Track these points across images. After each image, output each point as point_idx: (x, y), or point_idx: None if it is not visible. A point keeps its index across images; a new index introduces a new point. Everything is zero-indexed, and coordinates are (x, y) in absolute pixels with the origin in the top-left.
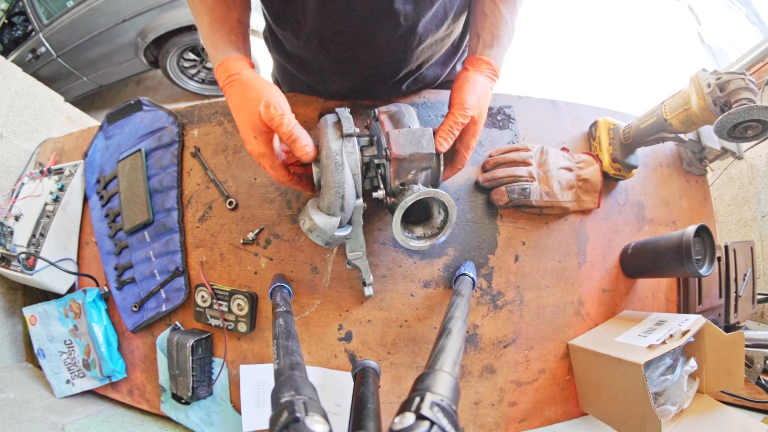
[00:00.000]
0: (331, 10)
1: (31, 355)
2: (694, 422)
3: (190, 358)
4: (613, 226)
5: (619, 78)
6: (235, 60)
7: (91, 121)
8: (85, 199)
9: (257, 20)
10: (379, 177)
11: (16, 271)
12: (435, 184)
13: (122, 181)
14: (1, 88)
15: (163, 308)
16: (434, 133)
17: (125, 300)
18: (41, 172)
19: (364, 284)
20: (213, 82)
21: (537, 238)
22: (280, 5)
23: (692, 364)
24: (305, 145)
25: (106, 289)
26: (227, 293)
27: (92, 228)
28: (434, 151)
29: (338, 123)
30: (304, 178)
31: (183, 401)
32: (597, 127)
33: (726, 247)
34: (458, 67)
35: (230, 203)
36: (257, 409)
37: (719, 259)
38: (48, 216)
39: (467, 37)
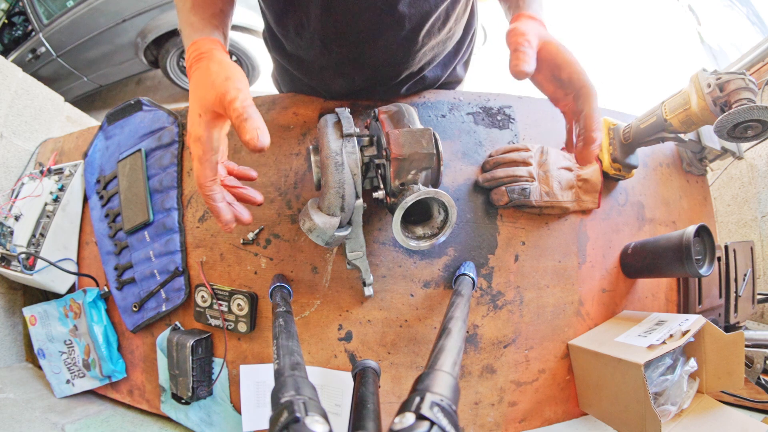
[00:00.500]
0: (334, 12)
1: (31, 355)
2: (694, 422)
3: (190, 358)
4: (613, 226)
5: (619, 78)
6: (210, 41)
7: (91, 121)
8: (85, 199)
9: (260, 21)
10: (379, 177)
11: (16, 271)
12: (435, 184)
13: (122, 181)
14: (1, 88)
15: (163, 308)
16: (435, 140)
17: (125, 300)
18: (41, 172)
19: (364, 284)
20: None
21: (537, 238)
22: (282, 5)
23: (692, 364)
24: (256, 127)
25: (106, 289)
26: (227, 293)
27: (92, 228)
28: (434, 151)
29: (338, 123)
30: (225, 203)
31: (183, 401)
32: None
33: (726, 247)
34: (458, 69)
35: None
36: (257, 409)
37: (719, 259)
38: (48, 216)
39: (467, 39)
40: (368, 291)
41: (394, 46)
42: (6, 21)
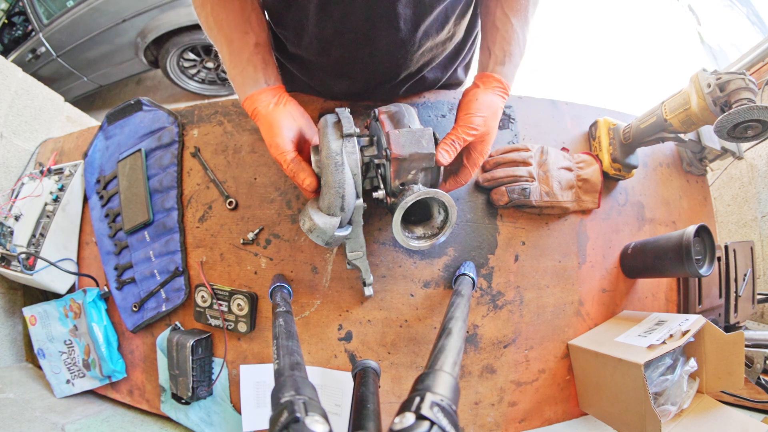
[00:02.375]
0: (331, 13)
1: (31, 355)
2: (694, 422)
3: (190, 358)
4: (613, 226)
5: (619, 78)
6: (251, 99)
7: (91, 121)
8: (85, 199)
9: None
10: (379, 177)
11: (16, 271)
12: (435, 184)
13: (122, 181)
14: (1, 88)
15: (163, 308)
16: (435, 140)
17: (125, 300)
18: (41, 172)
19: (365, 284)
20: (213, 82)
21: (537, 238)
22: (281, 6)
23: (692, 364)
24: (303, 179)
25: (106, 289)
26: (227, 293)
27: (92, 228)
28: (434, 151)
29: (338, 123)
30: None
31: (183, 401)
32: (597, 127)
33: (726, 247)
34: (459, 71)
35: (230, 203)
36: (257, 409)
37: (719, 259)
38: (48, 216)
39: (469, 42)
40: (368, 291)
41: (391, 47)
42: (6, 21)
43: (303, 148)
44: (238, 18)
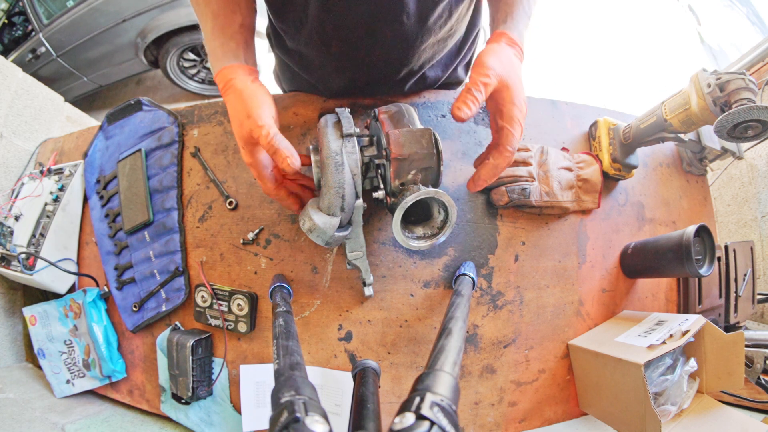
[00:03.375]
0: (331, 7)
1: (31, 355)
2: (694, 422)
3: (190, 358)
4: (613, 226)
5: (619, 78)
6: (230, 69)
7: (91, 121)
8: (85, 199)
9: (260, 22)
10: (379, 177)
11: (16, 271)
12: (435, 184)
13: (122, 181)
14: (1, 88)
15: (163, 308)
16: (435, 140)
17: (125, 300)
18: (41, 172)
19: (364, 284)
20: (213, 82)
21: (537, 238)
22: (282, 1)
23: (692, 364)
24: (286, 156)
25: (106, 289)
26: (227, 293)
27: (92, 228)
28: (434, 151)
29: (338, 123)
30: (293, 195)
31: (183, 401)
32: (597, 127)
33: (726, 247)
34: (459, 70)
35: (230, 203)
36: (257, 409)
37: (719, 259)
38: (48, 216)
39: (470, 40)
40: (368, 291)
41: (393, 42)
42: (6, 21)
43: None
44: None
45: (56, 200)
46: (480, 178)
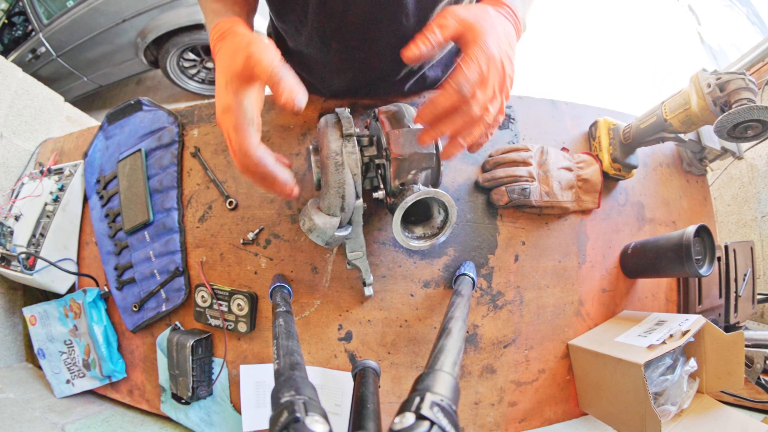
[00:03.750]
0: (330, 8)
1: (31, 355)
2: (694, 422)
3: (190, 358)
4: (613, 226)
5: (619, 78)
6: (231, 20)
7: (91, 121)
8: (85, 199)
9: (259, 22)
10: (379, 177)
11: (16, 271)
12: (435, 184)
13: (122, 181)
14: (1, 88)
15: (163, 308)
16: (435, 140)
17: (125, 300)
18: (41, 172)
19: (364, 284)
20: (213, 82)
21: (537, 238)
22: (281, 1)
23: (692, 364)
24: (290, 88)
25: (106, 289)
26: (227, 293)
27: (92, 228)
28: (434, 152)
29: (338, 123)
30: (280, 165)
31: (183, 401)
32: (597, 127)
33: (726, 247)
34: None
35: (230, 203)
36: (257, 409)
37: (719, 259)
38: (48, 216)
39: None
40: (368, 291)
41: (393, 42)
42: (6, 21)
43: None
44: None
45: (56, 200)
46: (417, 116)
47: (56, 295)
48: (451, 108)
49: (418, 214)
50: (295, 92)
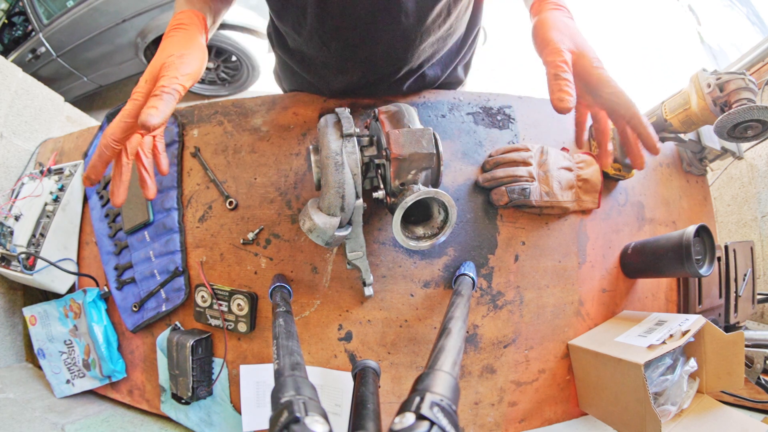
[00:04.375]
0: (330, 7)
1: (31, 355)
2: (694, 422)
3: (190, 358)
4: (613, 226)
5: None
6: (193, 16)
7: (91, 121)
8: (85, 199)
9: (260, 22)
10: (379, 177)
11: (16, 271)
12: (435, 184)
13: None
14: (1, 88)
15: (163, 308)
16: (435, 140)
17: (125, 300)
18: (41, 172)
19: (365, 284)
20: (213, 82)
21: (537, 238)
22: (282, 2)
23: (692, 364)
24: (152, 106)
25: (106, 289)
26: (227, 293)
27: (92, 228)
28: (434, 151)
29: (338, 123)
30: (127, 166)
31: (183, 401)
32: None
33: (726, 247)
34: (459, 70)
35: (230, 203)
36: (257, 409)
37: (719, 259)
38: (48, 216)
39: (469, 40)
40: (368, 291)
41: (393, 42)
42: (6, 21)
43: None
44: None
45: (56, 200)
46: (639, 155)
47: (56, 295)
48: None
49: (418, 214)
50: (151, 114)
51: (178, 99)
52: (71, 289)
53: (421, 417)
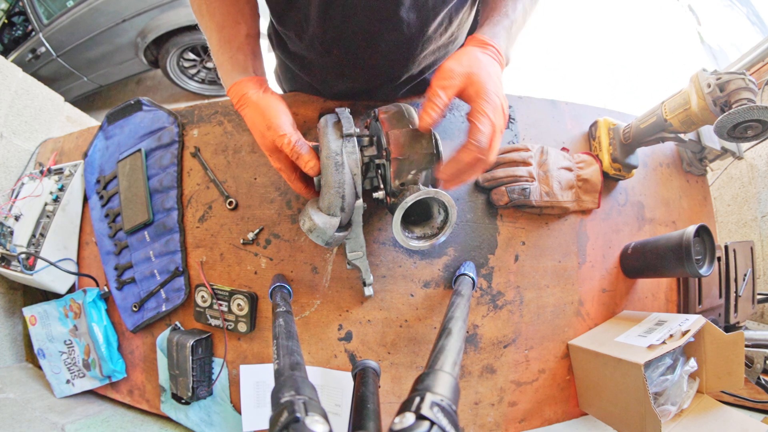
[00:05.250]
0: (332, 15)
1: (31, 355)
2: (694, 422)
3: (190, 358)
4: (613, 226)
5: (619, 78)
6: (242, 85)
7: (91, 121)
8: (85, 199)
9: (260, 22)
10: (379, 177)
11: (16, 271)
12: (435, 184)
13: (122, 181)
14: (1, 88)
15: (163, 308)
16: (436, 141)
17: (125, 300)
18: (41, 172)
19: (365, 284)
20: (213, 82)
21: (537, 238)
22: (283, 6)
23: (692, 364)
24: (307, 161)
25: (106, 289)
26: (227, 293)
27: (92, 228)
28: (434, 151)
29: (338, 123)
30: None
31: (183, 401)
32: (597, 127)
33: (726, 247)
34: None
35: (230, 203)
36: (257, 409)
37: (719, 259)
38: (48, 216)
39: None
40: (368, 291)
41: (393, 50)
42: (6, 21)
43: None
44: (231, 8)
45: (56, 200)
46: (442, 172)
47: (56, 295)
48: (473, 161)
49: (418, 214)
50: (312, 163)
51: (309, 149)
52: (71, 289)
53: (421, 417)
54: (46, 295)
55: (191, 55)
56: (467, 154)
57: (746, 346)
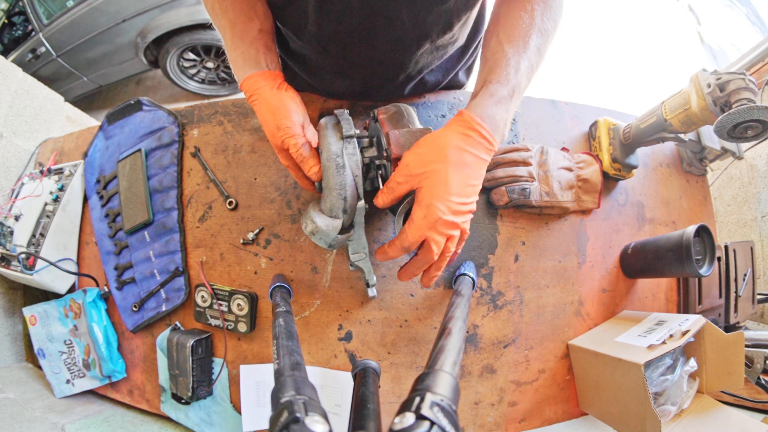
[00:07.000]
0: (329, 12)
1: (31, 355)
2: (694, 422)
3: (190, 358)
4: (613, 226)
5: (619, 78)
6: (254, 79)
7: (91, 121)
8: (85, 199)
9: None
10: (380, 178)
11: (16, 271)
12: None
13: (122, 181)
14: (1, 88)
15: (163, 308)
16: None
17: (125, 300)
18: (41, 172)
19: (368, 285)
20: (213, 82)
21: (537, 238)
22: (281, 3)
23: (692, 364)
24: (311, 167)
25: (106, 289)
26: (227, 293)
27: (92, 228)
28: None
29: (338, 125)
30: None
31: (183, 401)
32: (597, 127)
33: (726, 247)
34: (460, 74)
35: (230, 203)
36: (257, 409)
37: (719, 259)
38: (48, 216)
39: (472, 46)
40: (372, 292)
41: (389, 48)
42: (6, 21)
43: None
44: (243, 4)
45: (56, 200)
46: (377, 254)
47: (56, 295)
48: (396, 256)
49: None
50: (315, 169)
51: (313, 154)
52: (71, 289)
53: (421, 417)
54: (46, 295)
55: (191, 55)
56: (391, 250)
57: (746, 346)
